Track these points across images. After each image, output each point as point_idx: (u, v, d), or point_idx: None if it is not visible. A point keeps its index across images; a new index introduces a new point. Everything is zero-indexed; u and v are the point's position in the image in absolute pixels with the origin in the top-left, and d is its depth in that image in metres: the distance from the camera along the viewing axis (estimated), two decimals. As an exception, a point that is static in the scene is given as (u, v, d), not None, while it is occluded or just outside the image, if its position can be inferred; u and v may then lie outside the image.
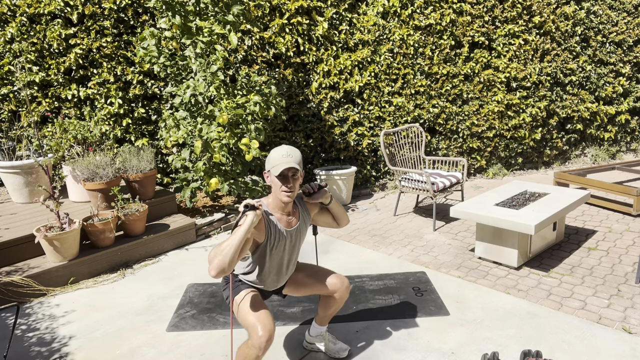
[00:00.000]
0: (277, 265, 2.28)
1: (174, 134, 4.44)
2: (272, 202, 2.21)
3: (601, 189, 4.83)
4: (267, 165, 2.14)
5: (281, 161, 2.08)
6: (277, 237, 2.20)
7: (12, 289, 3.36)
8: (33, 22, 4.88)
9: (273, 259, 2.24)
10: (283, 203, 2.17)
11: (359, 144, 5.91)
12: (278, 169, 2.07)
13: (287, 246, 2.27)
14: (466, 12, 6.02)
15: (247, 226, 1.95)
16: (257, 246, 2.19)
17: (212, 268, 1.88)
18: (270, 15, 5.40)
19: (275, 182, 2.12)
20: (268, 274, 2.28)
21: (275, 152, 2.11)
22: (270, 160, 2.12)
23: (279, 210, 2.21)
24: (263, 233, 2.14)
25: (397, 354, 2.62)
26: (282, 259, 2.28)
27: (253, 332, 2.04)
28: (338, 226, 2.51)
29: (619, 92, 7.03)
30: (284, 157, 2.09)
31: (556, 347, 2.62)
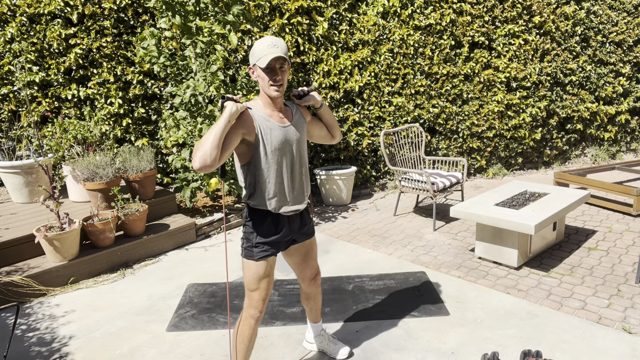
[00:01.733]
0: (281, 170, 2.07)
1: (174, 134, 4.44)
2: (261, 100, 2.07)
3: (601, 189, 4.83)
4: (251, 58, 1.99)
5: (267, 52, 1.92)
6: (270, 133, 2.02)
7: (12, 289, 3.36)
8: (33, 22, 4.88)
9: (272, 161, 2.03)
10: (272, 98, 2.03)
11: (359, 144, 5.91)
12: (264, 60, 1.92)
13: (286, 145, 2.06)
14: (466, 12, 6.02)
15: (227, 114, 1.87)
16: (252, 150, 2.02)
17: (195, 160, 1.80)
18: (270, 15, 5.40)
19: (263, 77, 1.97)
20: (274, 184, 2.06)
21: (260, 43, 1.95)
22: (254, 52, 1.96)
23: (269, 107, 2.06)
24: (253, 130, 1.98)
25: (397, 354, 2.62)
26: (283, 160, 2.06)
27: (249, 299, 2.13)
28: (333, 139, 2.37)
29: (619, 92, 7.03)
30: (269, 47, 1.93)
31: (556, 347, 2.62)
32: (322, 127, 2.34)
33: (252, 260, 2.12)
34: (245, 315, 2.16)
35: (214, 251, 4.23)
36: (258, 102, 2.07)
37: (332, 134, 2.37)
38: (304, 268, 2.41)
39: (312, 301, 2.53)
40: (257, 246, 2.11)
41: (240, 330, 2.18)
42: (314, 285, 2.47)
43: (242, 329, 2.17)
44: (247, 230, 2.15)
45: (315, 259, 2.45)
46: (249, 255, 2.13)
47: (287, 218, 2.17)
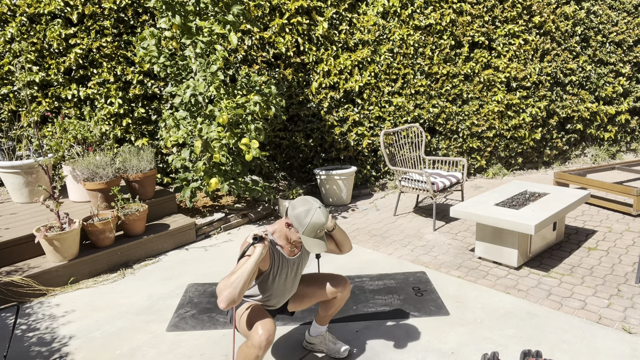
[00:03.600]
0: (280, 291, 2.31)
1: (174, 133, 4.44)
2: (278, 232, 2.24)
3: (601, 189, 4.83)
4: (296, 222, 2.10)
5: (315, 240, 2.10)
6: (280, 265, 2.23)
7: (12, 289, 3.36)
8: (33, 22, 4.88)
9: (276, 285, 2.27)
10: (290, 244, 2.23)
11: (359, 144, 5.91)
12: (309, 244, 2.10)
13: (290, 273, 2.30)
14: (466, 12, 6.02)
15: (257, 258, 1.99)
16: (261, 273, 2.21)
17: (222, 300, 1.91)
18: (270, 15, 5.40)
19: (295, 236, 2.15)
20: (271, 298, 2.31)
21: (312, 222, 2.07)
22: (303, 223, 2.08)
23: (283, 240, 2.24)
24: (267, 262, 2.18)
25: (397, 354, 2.62)
26: (285, 285, 2.32)
27: (254, 332, 2.06)
28: (340, 252, 2.49)
29: (619, 92, 7.03)
30: (319, 232, 2.10)
31: (556, 347, 2.62)
32: (332, 242, 2.45)
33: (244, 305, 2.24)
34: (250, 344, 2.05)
35: (214, 251, 4.23)
36: (276, 230, 2.24)
37: (341, 250, 2.46)
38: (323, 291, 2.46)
39: (336, 307, 2.53)
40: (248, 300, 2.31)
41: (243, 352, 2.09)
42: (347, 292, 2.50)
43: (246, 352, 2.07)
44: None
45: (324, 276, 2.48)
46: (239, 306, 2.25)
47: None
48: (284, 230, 2.20)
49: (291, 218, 2.12)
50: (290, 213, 2.13)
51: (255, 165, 5.11)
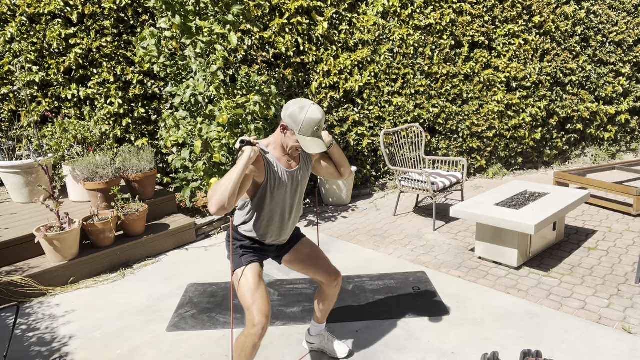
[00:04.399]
0: (278, 211, 2.17)
1: (174, 133, 4.44)
2: (274, 144, 2.11)
3: (601, 189, 4.83)
4: (290, 122, 1.99)
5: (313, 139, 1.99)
6: (277, 178, 2.10)
7: (12, 288, 3.36)
8: (33, 22, 4.88)
9: (274, 202, 2.13)
10: (287, 153, 2.11)
11: (359, 144, 5.91)
12: (306, 144, 1.98)
13: (289, 189, 2.16)
14: (466, 12, 6.02)
15: (245, 160, 1.89)
16: (257, 189, 2.09)
17: (212, 204, 1.83)
18: (270, 15, 5.40)
19: (291, 140, 2.03)
20: (269, 222, 2.17)
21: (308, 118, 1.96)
22: (298, 122, 1.97)
23: (279, 151, 2.12)
24: (262, 172, 2.05)
25: (397, 354, 2.62)
26: (283, 203, 2.17)
27: (249, 316, 2.03)
28: (341, 176, 2.39)
29: (619, 92, 7.03)
30: (316, 130, 1.99)
31: (556, 347, 2.62)
32: (331, 164, 2.38)
33: (242, 267, 2.13)
34: (247, 335, 2.03)
35: (214, 251, 4.23)
36: (271, 142, 2.12)
37: (340, 172, 2.39)
38: (317, 269, 2.39)
39: (328, 302, 2.50)
40: (244, 254, 2.17)
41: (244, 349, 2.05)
42: (334, 288, 2.44)
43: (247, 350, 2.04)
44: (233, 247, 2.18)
45: (325, 259, 2.43)
46: (238, 265, 2.15)
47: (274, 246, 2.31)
48: (279, 138, 2.09)
49: (285, 119, 2.00)
50: (283, 114, 2.01)
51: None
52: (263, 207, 2.12)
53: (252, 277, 2.10)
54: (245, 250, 2.19)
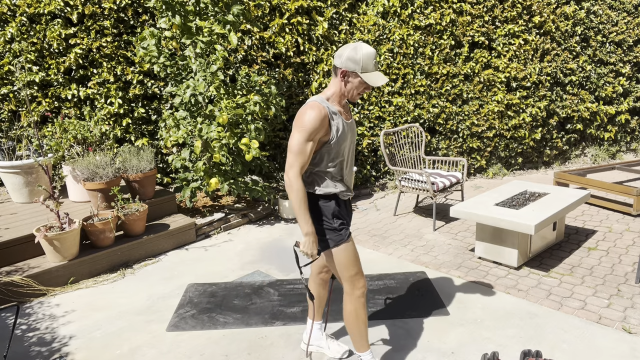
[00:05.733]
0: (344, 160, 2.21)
1: (174, 133, 4.44)
2: (333, 96, 2.13)
3: (601, 189, 4.83)
4: (351, 64, 2.02)
5: (377, 73, 2.04)
6: (341, 130, 2.12)
7: (12, 289, 3.36)
8: (33, 22, 4.88)
9: (340, 154, 2.17)
10: (349, 100, 2.15)
11: (359, 144, 5.91)
12: (373, 80, 2.01)
13: (348, 140, 2.20)
14: (466, 12, 6.02)
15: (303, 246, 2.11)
16: (322, 144, 2.12)
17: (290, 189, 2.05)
18: (270, 15, 5.40)
19: (356, 86, 2.07)
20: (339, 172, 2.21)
21: (367, 55, 2.01)
22: (358, 61, 2.01)
23: (338, 103, 2.14)
24: (328, 132, 2.09)
25: (397, 354, 2.62)
26: (346, 152, 2.21)
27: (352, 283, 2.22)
28: None
29: (619, 92, 7.03)
30: (375, 64, 2.04)
31: (556, 347, 2.62)
32: None
33: (344, 242, 2.19)
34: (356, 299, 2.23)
35: (214, 251, 4.23)
36: (330, 96, 2.12)
37: None
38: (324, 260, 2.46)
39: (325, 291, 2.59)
40: (341, 228, 2.20)
41: (359, 313, 2.25)
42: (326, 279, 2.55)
43: (360, 311, 2.25)
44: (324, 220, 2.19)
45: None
46: (339, 240, 2.19)
47: (345, 202, 2.30)
48: (338, 88, 2.11)
49: (344, 64, 2.03)
50: (339, 62, 2.04)
51: (255, 165, 5.11)
52: (330, 158, 2.15)
53: (353, 248, 2.23)
54: (341, 223, 2.20)
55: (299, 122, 2.03)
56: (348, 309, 2.26)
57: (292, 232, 4.62)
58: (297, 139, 2.02)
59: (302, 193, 2.04)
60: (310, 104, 2.05)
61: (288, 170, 2.04)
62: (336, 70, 2.08)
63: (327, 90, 2.14)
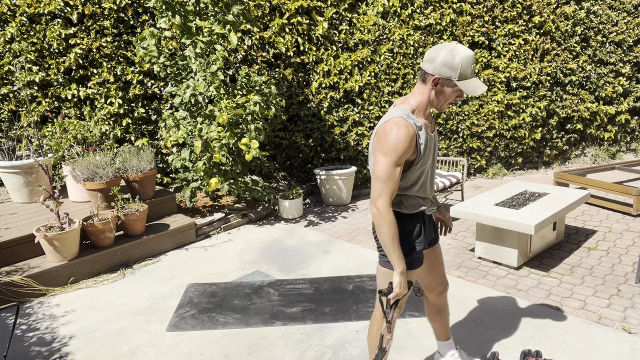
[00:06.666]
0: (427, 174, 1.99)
1: (174, 133, 4.44)
2: (418, 107, 1.87)
3: (601, 189, 4.83)
4: (446, 70, 1.76)
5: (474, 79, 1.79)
6: (425, 145, 1.88)
7: (12, 288, 3.36)
8: (33, 22, 4.88)
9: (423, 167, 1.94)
10: (437, 109, 1.88)
11: (359, 144, 5.91)
12: (470, 87, 1.77)
13: (431, 153, 1.97)
14: (466, 12, 6.02)
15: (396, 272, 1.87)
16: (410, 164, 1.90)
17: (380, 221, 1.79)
18: (270, 15, 5.40)
19: (448, 94, 1.81)
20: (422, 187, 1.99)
21: (465, 60, 1.74)
22: (456, 67, 1.74)
23: (423, 114, 1.89)
24: (415, 152, 1.85)
25: (397, 354, 2.62)
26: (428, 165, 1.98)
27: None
28: None
29: (619, 92, 7.03)
30: (473, 71, 1.77)
31: (556, 347, 2.62)
32: None
33: (412, 270, 2.01)
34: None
35: (214, 251, 4.23)
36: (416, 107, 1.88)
37: None
38: (433, 276, 2.26)
39: (442, 314, 2.34)
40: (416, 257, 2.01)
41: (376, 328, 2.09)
42: (442, 297, 2.31)
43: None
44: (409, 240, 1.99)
45: (443, 267, 2.30)
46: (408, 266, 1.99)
47: (428, 217, 2.11)
48: (426, 97, 1.84)
49: (438, 70, 1.77)
50: (431, 67, 1.78)
51: (255, 165, 5.11)
52: (415, 173, 1.92)
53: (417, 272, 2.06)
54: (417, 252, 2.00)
55: (385, 145, 1.77)
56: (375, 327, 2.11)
57: (292, 232, 4.62)
58: (384, 164, 1.77)
59: (395, 226, 1.79)
60: (396, 120, 1.78)
61: (376, 199, 1.78)
62: (425, 76, 1.82)
63: (411, 99, 1.87)
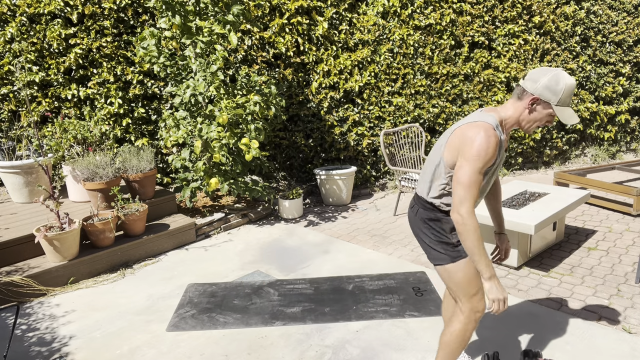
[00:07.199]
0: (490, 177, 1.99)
1: (174, 133, 4.44)
2: (509, 120, 1.88)
3: (601, 188, 4.83)
4: (547, 93, 1.78)
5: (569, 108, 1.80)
6: (499, 157, 1.92)
7: (12, 289, 3.36)
8: (33, 22, 4.88)
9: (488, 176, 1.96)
10: (524, 130, 1.90)
11: (359, 144, 5.91)
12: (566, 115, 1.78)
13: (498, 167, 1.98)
14: (466, 12, 6.02)
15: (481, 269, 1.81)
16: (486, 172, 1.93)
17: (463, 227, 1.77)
18: (270, 15, 5.40)
19: (542, 116, 1.83)
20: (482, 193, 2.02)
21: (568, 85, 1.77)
22: (557, 91, 1.77)
23: (505, 130, 1.92)
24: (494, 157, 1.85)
25: (397, 354, 2.62)
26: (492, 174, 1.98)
27: (471, 303, 1.97)
28: None
29: (618, 92, 7.03)
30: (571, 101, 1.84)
31: (556, 347, 2.62)
32: None
33: (462, 258, 1.95)
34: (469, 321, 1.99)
35: (214, 251, 4.23)
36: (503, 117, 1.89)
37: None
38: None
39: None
40: (458, 244, 1.97)
41: (465, 335, 2.01)
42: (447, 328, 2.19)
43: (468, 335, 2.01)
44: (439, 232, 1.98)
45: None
46: (456, 256, 1.95)
47: None
48: (519, 113, 1.86)
49: (539, 91, 1.79)
50: (533, 87, 1.80)
51: (255, 165, 5.11)
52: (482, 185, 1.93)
53: (472, 265, 1.96)
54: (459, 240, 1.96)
55: (472, 150, 1.76)
56: (457, 328, 2.00)
57: (292, 232, 4.62)
58: (469, 169, 1.76)
59: (479, 232, 1.77)
60: (485, 127, 1.78)
61: (458, 206, 1.77)
62: (524, 94, 1.84)
63: (502, 111, 1.89)
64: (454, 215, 1.79)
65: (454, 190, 1.80)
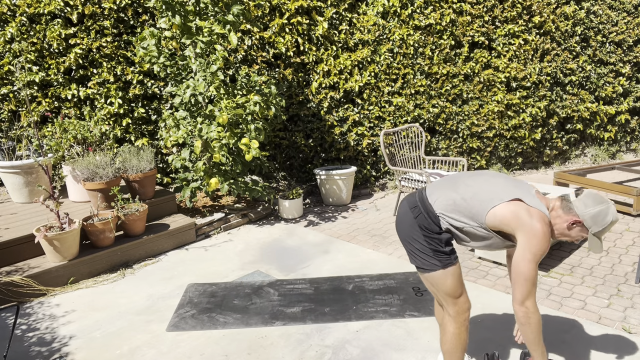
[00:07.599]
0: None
1: (174, 133, 4.44)
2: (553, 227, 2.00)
3: (601, 188, 4.83)
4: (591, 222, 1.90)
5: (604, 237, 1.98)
6: None
7: (12, 289, 3.36)
8: (33, 22, 4.88)
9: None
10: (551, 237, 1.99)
11: (359, 144, 5.91)
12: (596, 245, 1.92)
13: None
14: (466, 12, 6.02)
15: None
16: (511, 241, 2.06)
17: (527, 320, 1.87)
18: (270, 15, 5.40)
19: (574, 234, 1.95)
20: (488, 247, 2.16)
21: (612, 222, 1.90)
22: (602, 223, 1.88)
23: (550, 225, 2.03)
24: None
25: (397, 354, 2.62)
26: None
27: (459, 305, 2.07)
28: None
29: (618, 92, 7.04)
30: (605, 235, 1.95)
31: (556, 347, 2.62)
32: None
33: (453, 266, 2.06)
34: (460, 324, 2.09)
35: (214, 251, 4.23)
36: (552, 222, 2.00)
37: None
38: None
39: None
40: (451, 253, 2.08)
41: (462, 337, 2.11)
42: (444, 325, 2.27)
43: (464, 335, 2.11)
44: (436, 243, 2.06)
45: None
46: (447, 263, 2.05)
47: None
48: (557, 223, 1.97)
49: (585, 216, 1.90)
50: (581, 210, 1.91)
51: (255, 165, 5.11)
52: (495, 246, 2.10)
53: (459, 271, 2.09)
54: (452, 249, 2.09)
55: (537, 247, 1.86)
56: (450, 331, 2.11)
57: (292, 232, 4.62)
58: (533, 265, 1.85)
59: (541, 323, 1.89)
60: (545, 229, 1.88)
61: (524, 300, 1.86)
62: (570, 211, 1.94)
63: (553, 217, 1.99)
64: (520, 308, 1.88)
65: (518, 282, 1.87)
